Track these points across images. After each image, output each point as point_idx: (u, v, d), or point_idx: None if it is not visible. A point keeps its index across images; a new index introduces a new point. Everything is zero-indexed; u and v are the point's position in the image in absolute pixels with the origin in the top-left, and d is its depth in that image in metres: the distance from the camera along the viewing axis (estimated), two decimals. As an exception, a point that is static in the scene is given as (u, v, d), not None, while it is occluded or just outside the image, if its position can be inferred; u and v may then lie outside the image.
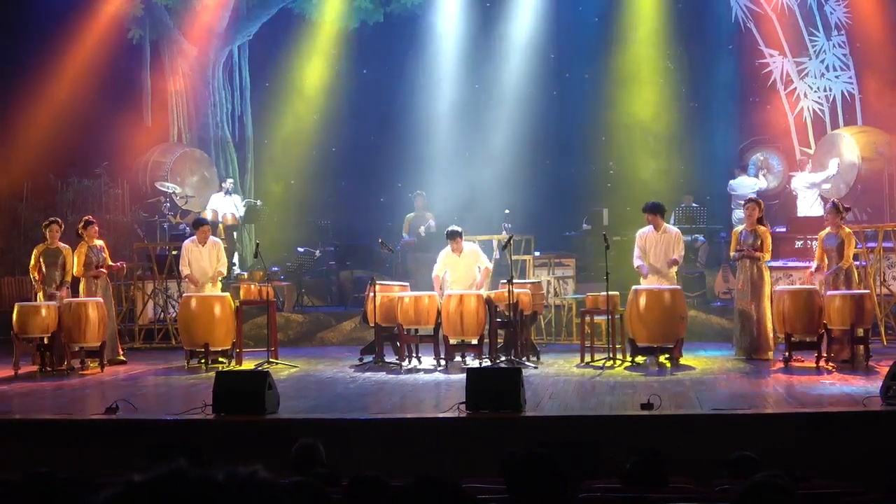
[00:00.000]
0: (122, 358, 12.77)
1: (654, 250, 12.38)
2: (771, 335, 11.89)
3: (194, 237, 13.13)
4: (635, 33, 18.10)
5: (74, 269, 12.60)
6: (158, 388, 11.07)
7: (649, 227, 12.50)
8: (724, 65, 18.06)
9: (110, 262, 12.89)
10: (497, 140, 18.16)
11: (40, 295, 12.48)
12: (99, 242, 12.84)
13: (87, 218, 13.06)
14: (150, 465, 1.60)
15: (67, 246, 12.76)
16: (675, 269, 12.46)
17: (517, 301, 11.78)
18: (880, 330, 13.07)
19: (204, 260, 12.93)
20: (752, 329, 11.97)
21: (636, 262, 12.45)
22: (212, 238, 13.22)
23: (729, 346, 12.73)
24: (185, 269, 12.94)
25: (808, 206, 16.70)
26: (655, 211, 12.47)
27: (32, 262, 12.54)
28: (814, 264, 12.20)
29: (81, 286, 12.69)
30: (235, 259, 17.29)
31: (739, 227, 12.48)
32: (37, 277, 12.49)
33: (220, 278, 13.09)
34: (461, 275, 12.67)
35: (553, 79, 18.41)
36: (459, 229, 12.77)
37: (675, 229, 12.85)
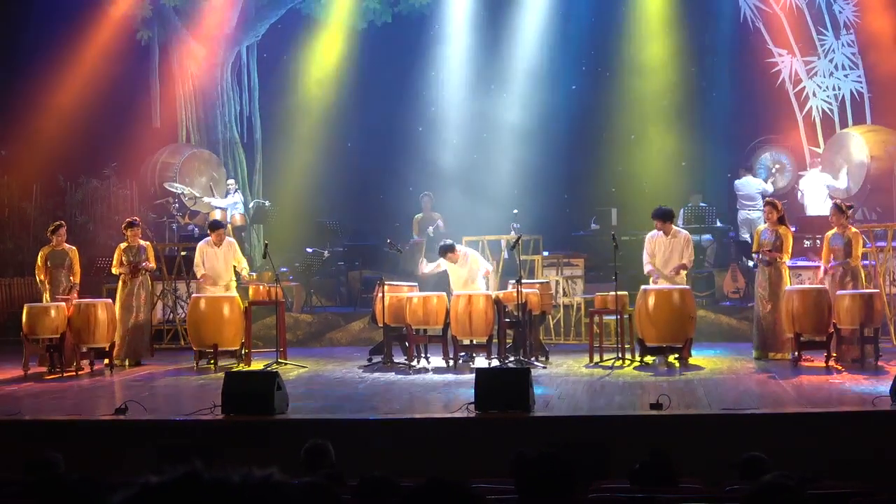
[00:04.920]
0: (138, 360, 12.82)
1: (664, 254, 12.34)
2: (787, 335, 11.84)
3: (209, 238, 13.17)
4: (644, 33, 18.08)
5: (112, 268, 12.87)
6: (168, 389, 11.08)
7: (659, 231, 12.45)
8: (733, 64, 18.03)
9: (151, 264, 12.97)
10: (505, 140, 18.15)
11: (46, 297, 12.53)
12: (144, 243, 12.95)
13: (129, 219, 13.27)
14: (162, 466, 1.61)
15: (73, 247, 12.85)
16: (683, 273, 12.41)
17: (526, 301, 11.78)
18: (890, 329, 13.04)
19: (219, 261, 12.98)
20: (768, 328, 11.95)
21: (646, 268, 12.40)
22: (227, 238, 13.27)
23: (738, 345, 12.69)
24: (199, 271, 12.97)
25: (817, 205, 16.66)
26: (664, 217, 12.39)
27: (39, 263, 12.61)
28: (822, 266, 12.17)
29: (119, 285, 12.87)
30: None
31: (762, 226, 12.46)
32: (43, 279, 12.54)
33: (247, 276, 13.16)
34: (460, 276, 12.68)
35: (561, 79, 18.39)
36: (451, 242, 12.82)
37: (684, 232, 12.77)
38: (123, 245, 12.87)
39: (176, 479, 1.53)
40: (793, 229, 14.70)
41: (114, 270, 12.95)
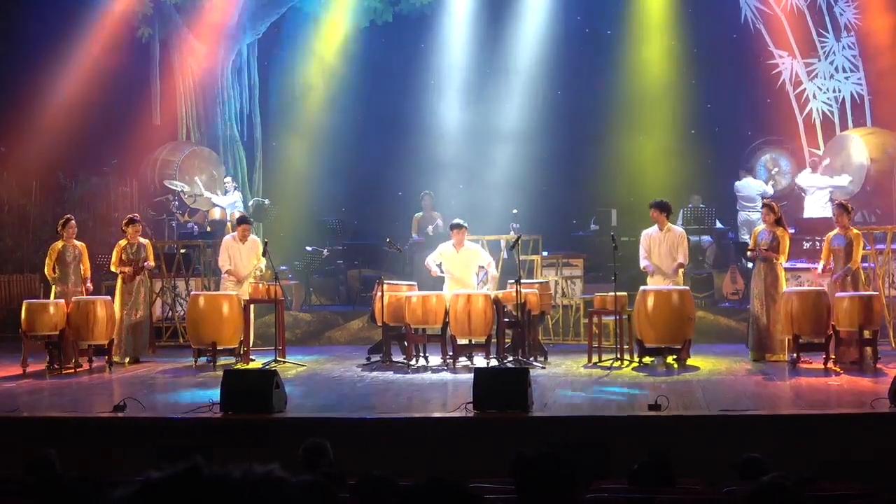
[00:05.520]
0: (136, 357, 12.81)
1: (658, 250, 12.37)
2: (783, 337, 11.84)
3: (234, 234, 13.22)
4: (644, 34, 18.09)
5: (111, 265, 12.88)
6: (166, 387, 11.07)
7: (654, 228, 12.49)
8: (733, 65, 18.04)
9: (151, 262, 12.99)
10: (505, 139, 18.16)
11: (53, 292, 12.54)
12: (144, 241, 12.97)
13: (130, 216, 13.28)
14: (161, 463, 1.61)
15: (83, 243, 12.86)
16: (681, 271, 12.42)
17: (525, 301, 11.78)
18: (888, 332, 13.04)
19: (243, 257, 13.02)
20: (763, 330, 11.95)
21: (642, 263, 12.45)
22: (252, 237, 13.26)
23: (736, 346, 12.70)
24: (225, 265, 13.00)
25: (817, 206, 16.67)
26: (661, 208, 12.46)
27: (52, 259, 12.58)
28: (820, 265, 12.18)
29: (118, 282, 12.85)
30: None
31: (759, 227, 12.47)
32: (55, 275, 12.55)
33: (258, 274, 13.15)
34: (457, 270, 12.70)
35: (562, 78, 18.40)
36: (464, 223, 12.83)
37: (679, 229, 12.83)
38: (123, 242, 12.89)
39: (177, 475, 1.54)
40: (792, 231, 14.71)
41: (112, 268, 12.93)
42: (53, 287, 12.62)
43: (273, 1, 18.85)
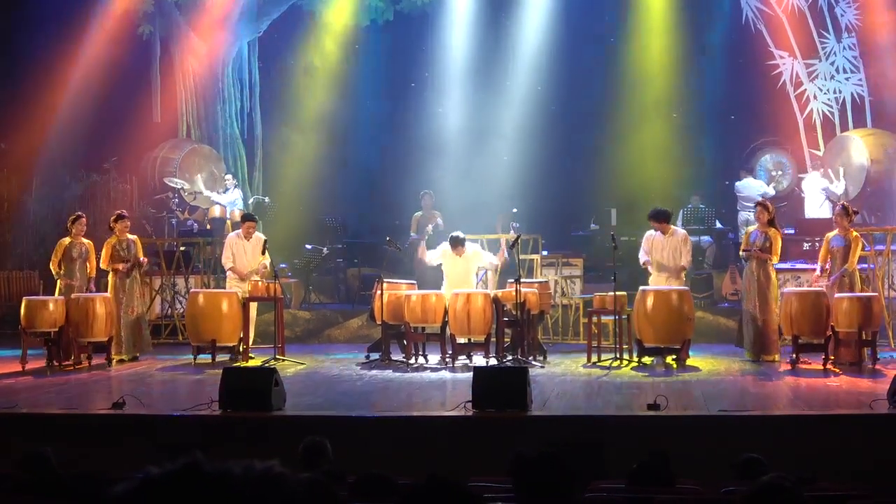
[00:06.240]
0: (136, 355, 12.78)
1: (662, 253, 12.37)
2: (776, 337, 11.85)
3: (239, 231, 13.21)
4: (645, 34, 18.09)
5: (101, 263, 12.73)
6: (165, 384, 11.07)
7: (656, 231, 12.48)
8: (734, 66, 18.04)
9: (141, 257, 12.92)
10: (506, 138, 18.15)
11: (59, 287, 12.50)
12: (132, 237, 12.92)
13: (119, 212, 13.18)
14: (161, 459, 1.60)
15: (90, 241, 12.83)
16: (682, 273, 12.42)
17: (524, 300, 11.78)
18: (888, 333, 13.04)
19: (248, 254, 12.99)
20: (757, 330, 11.95)
21: (642, 259, 12.44)
22: (257, 234, 13.23)
23: (735, 347, 12.72)
24: (227, 262, 12.99)
25: (816, 207, 16.68)
26: (658, 218, 12.43)
27: (58, 256, 12.53)
28: (818, 266, 12.17)
29: (110, 280, 12.77)
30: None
31: (751, 228, 12.47)
32: (60, 271, 12.50)
33: (264, 271, 13.09)
34: (459, 272, 12.71)
35: (562, 78, 18.38)
36: (463, 237, 12.78)
37: (682, 231, 12.82)
38: (113, 240, 12.76)
39: (177, 471, 1.54)
40: (791, 231, 14.71)
41: (103, 265, 12.75)
42: (59, 282, 12.57)
43: (274, -1, 18.88)
